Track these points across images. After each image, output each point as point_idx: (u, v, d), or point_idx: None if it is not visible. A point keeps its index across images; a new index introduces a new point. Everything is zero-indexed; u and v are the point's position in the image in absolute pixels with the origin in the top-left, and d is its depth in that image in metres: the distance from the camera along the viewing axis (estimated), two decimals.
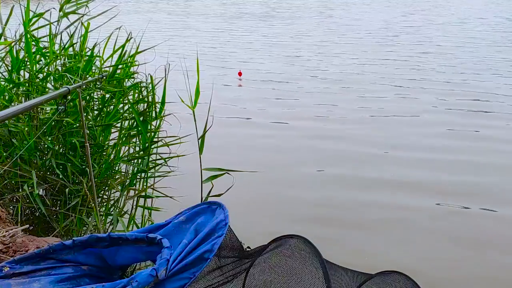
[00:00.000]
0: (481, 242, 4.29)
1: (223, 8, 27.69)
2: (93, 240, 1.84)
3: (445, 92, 9.22)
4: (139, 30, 3.97)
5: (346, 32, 17.36)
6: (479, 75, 10.55)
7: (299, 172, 5.72)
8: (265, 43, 15.37)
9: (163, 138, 3.84)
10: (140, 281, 1.49)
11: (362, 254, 4.05)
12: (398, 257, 4.05)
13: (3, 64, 3.56)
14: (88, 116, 3.52)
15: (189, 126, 3.53)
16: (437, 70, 11.16)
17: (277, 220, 4.60)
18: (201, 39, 15.54)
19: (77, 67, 3.46)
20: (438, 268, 3.90)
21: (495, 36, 15.95)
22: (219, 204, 1.88)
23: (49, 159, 3.29)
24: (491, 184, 5.37)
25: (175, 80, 4.05)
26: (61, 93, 2.55)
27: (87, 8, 3.86)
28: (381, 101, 8.71)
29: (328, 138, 6.87)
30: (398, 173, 5.66)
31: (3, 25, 3.56)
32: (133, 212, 3.73)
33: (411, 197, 5.07)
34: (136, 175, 3.77)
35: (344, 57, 12.82)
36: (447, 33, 16.98)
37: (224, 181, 3.47)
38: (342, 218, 4.69)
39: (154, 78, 3.77)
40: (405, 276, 2.03)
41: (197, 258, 1.64)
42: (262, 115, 8.05)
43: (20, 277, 1.72)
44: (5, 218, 3.07)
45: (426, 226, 4.53)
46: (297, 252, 1.94)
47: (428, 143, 6.63)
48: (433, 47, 14.01)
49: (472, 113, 7.93)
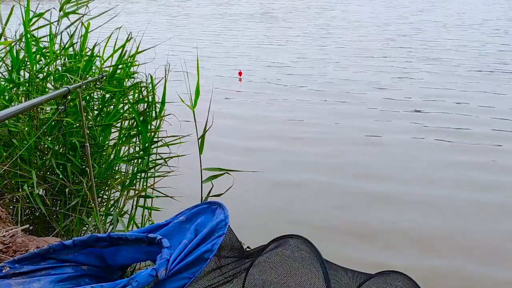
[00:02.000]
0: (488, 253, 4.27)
1: (223, 8, 27.70)
2: (93, 240, 1.84)
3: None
4: (139, 30, 3.98)
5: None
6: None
7: (299, 172, 5.72)
8: (265, 43, 15.38)
9: (163, 138, 3.84)
10: (140, 281, 1.50)
11: (362, 255, 4.05)
12: (398, 257, 4.05)
13: (3, 64, 3.56)
14: (88, 116, 3.53)
15: (189, 126, 3.53)
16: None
17: (277, 220, 4.60)
18: (201, 39, 15.56)
19: (77, 67, 3.46)
20: (437, 267, 3.91)
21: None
22: (219, 204, 1.88)
23: (49, 159, 3.29)
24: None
25: (175, 80, 4.06)
26: (61, 93, 2.55)
27: (87, 8, 3.87)
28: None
29: (329, 138, 6.87)
30: (401, 172, 5.67)
31: (3, 25, 3.57)
32: (133, 212, 3.74)
33: (412, 196, 5.08)
34: (136, 175, 3.78)
35: (345, 58, 12.82)
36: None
37: (224, 181, 3.47)
38: (342, 218, 4.69)
39: (154, 78, 3.77)
40: (405, 276, 2.03)
41: (197, 258, 1.64)
42: (262, 115, 8.05)
43: (20, 277, 1.72)
44: (5, 218, 3.07)
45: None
46: (297, 252, 1.94)
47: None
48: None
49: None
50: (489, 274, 3.85)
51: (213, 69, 11.17)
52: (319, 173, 5.67)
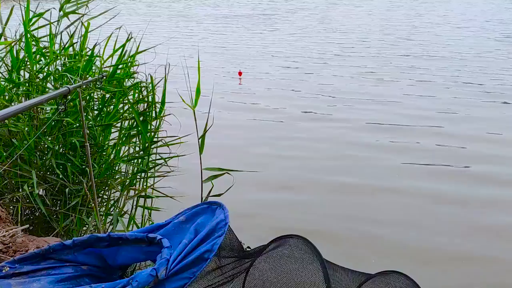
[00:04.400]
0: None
1: (224, 8, 27.70)
2: (93, 240, 1.84)
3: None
4: (139, 30, 3.98)
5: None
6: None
7: (300, 172, 5.72)
8: (266, 43, 15.37)
9: (163, 138, 3.84)
10: (140, 281, 1.50)
11: (362, 255, 4.04)
12: (398, 257, 4.05)
13: (3, 64, 3.56)
14: (88, 116, 3.52)
15: (189, 126, 3.53)
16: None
17: (277, 220, 4.60)
18: (201, 39, 15.56)
19: (77, 67, 3.46)
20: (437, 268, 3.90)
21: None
22: (219, 204, 1.88)
23: (49, 159, 3.29)
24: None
25: (175, 80, 4.06)
26: (61, 93, 2.55)
27: (87, 8, 3.87)
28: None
29: (328, 138, 6.87)
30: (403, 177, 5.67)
31: (3, 25, 3.56)
32: (133, 212, 3.73)
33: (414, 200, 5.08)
34: (136, 175, 3.78)
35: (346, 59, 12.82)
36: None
37: (224, 181, 3.47)
38: (342, 219, 4.69)
39: (154, 78, 3.77)
40: (405, 276, 2.02)
41: (197, 258, 1.64)
42: (263, 115, 8.04)
43: (20, 277, 1.72)
44: (5, 218, 3.07)
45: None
46: (297, 252, 1.94)
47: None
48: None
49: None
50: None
51: (213, 69, 11.16)
52: (319, 173, 5.67)
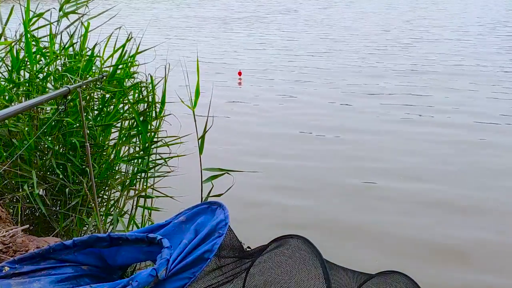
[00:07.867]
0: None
1: (223, 9, 27.70)
2: (93, 240, 1.84)
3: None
4: (139, 30, 3.98)
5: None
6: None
7: (300, 172, 5.72)
8: (266, 43, 15.37)
9: (163, 138, 3.84)
10: (140, 281, 1.50)
11: (363, 255, 4.04)
12: (399, 257, 4.05)
13: (3, 64, 3.56)
14: (88, 116, 3.53)
15: (189, 126, 3.53)
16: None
17: (277, 220, 4.60)
18: (201, 40, 15.55)
19: (77, 67, 3.47)
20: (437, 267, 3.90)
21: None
22: (219, 204, 1.88)
23: (49, 159, 3.29)
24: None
25: (175, 80, 4.06)
26: (61, 93, 2.55)
27: (87, 8, 3.87)
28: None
29: (329, 138, 6.87)
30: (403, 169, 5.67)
31: (3, 25, 3.57)
32: (133, 212, 3.73)
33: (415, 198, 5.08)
34: (136, 175, 3.78)
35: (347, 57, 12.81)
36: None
37: (224, 181, 3.47)
38: (343, 219, 4.69)
39: (154, 78, 3.77)
40: (405, 276, 2.02)
41: (197, 258, 1.64)
42: (263, 115, 8.04)
43: (20, 277, 1.72)
44: (5, 218, 3.07)
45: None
46: (297, 252, 1.94)
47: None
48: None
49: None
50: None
51: (213, 69, 11.16)
52: (319, 173, 5.67)
